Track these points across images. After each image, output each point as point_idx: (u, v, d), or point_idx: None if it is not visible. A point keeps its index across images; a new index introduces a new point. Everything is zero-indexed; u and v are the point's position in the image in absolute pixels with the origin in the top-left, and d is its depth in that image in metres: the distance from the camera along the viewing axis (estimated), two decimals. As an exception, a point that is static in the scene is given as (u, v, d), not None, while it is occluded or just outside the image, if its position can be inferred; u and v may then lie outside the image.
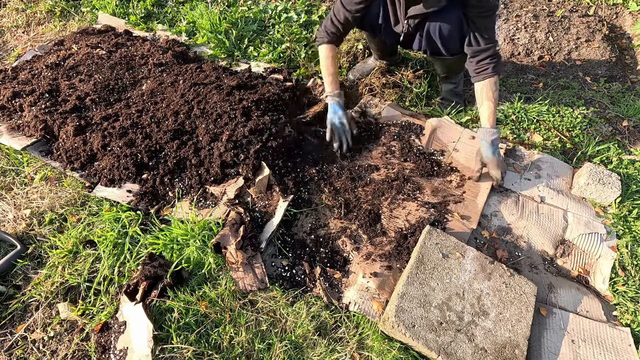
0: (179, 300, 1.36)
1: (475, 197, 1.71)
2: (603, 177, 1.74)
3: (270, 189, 1.68)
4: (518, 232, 1.66)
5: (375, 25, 1.89)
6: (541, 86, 2.38)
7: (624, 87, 2.37)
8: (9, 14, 2.96)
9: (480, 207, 1.68)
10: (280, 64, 2.43)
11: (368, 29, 1.96)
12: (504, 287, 1.38)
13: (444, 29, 1.66)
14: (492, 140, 1.65)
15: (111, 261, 1.49)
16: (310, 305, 1.39)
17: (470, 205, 1.68)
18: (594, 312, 1.44)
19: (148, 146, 1.78)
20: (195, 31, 2.69)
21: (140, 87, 2.18)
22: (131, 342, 1.28)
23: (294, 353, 1.28)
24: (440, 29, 1.67)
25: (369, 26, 1.92)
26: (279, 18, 2.70)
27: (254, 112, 1.89)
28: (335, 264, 1.53)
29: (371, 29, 1.94)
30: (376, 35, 1.97)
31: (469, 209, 1.67)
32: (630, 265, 1.55)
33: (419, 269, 1.39)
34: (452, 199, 1.69)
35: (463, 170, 1.81)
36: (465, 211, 1.66)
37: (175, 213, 1.61)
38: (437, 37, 1.70)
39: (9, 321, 1.39)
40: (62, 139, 1.86)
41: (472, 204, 1.68)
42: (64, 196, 1.72)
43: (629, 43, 2.72)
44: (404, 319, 1.27)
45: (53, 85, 2.13)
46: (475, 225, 1.62)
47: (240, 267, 1.44)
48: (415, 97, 2.17)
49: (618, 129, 2.12)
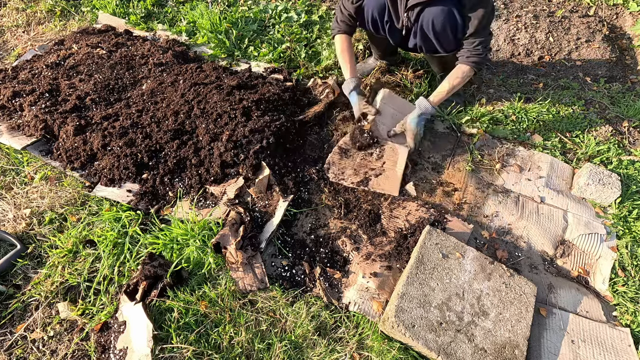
0: (179, 300, 1.36)
1: (395, 165, 1.80)
2: (603, 178, 1.74)
3: (270, 189, 1.68)
4: (518, 233, 1.66)
5: (376, 23, 1.88)
6: (541, 86, 2.38)
7: (624, 88, 2.37)
8: (9, 13, 2.95)
9: (400, 174, 1.78)
10: (281, 64, 2.43)
11: (370, 26, 1.95)
12: (504, 288, 1.38)
13: (436, 21, 1.66)
14: (420, 112, 1.79)
15: (111, 261, 1.49)
16: (310, 305, 1.39)
17: (391, 175, 1.77)
18: (593, 313, 1.44)
19: (148, 146, 1.78)
20: (195, 31, 2.69)
21: (141, 87, 2.18)
22: (131, 341, 1.28)
23: (293, 353, 1.28)
24: (433, 22, 1.67)
25: (372, 23, 1.91)
26: (279, 18, 2.70)
27: (254, 112, 1.89)
28: (335, 264, 1.53)
29: (374, 27, 1.93)
30: (378, 33, 1.96)
31: (390, 179, 1.76)
32: (630, 265, 1.55)
33: (419, 269, 1.39)
34: (372, 173, 1.78)
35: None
36: (386, 182, 1.75)
37: (175, 213, 1.61)
38: (430, 31, 1.71)
39: (8, 321, 1.39)
40: (62, 138, 1.86)
41: (392, 173, 1.78)
42: (64, 196, 1.72)
43: (629, 43, 2.72)
44: (404, 319, 1.27)
45: (53, 85, 2.13)
46: (397, 193, 1.72)
47: (240, 267, 1.44)
48: (415, 97, 2.17)
49: (618, 129, 2.12)
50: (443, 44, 1.76)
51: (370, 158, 1.83)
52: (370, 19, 1.86)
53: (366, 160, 1.82)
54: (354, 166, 1.80)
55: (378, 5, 1.80)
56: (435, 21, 1.66)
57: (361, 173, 1.77)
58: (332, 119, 2.06)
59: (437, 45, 1.78)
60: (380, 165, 1.80)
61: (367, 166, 1.80)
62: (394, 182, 1.74)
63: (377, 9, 1.81)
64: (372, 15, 1.84)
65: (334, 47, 1.99)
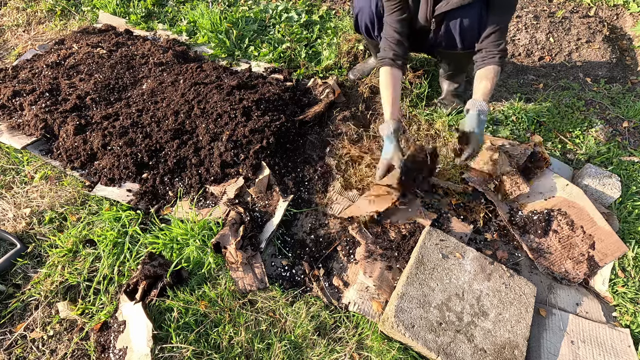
0: (179, 299, 1.36)
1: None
2: (603, 179, 1.74)
3: (270, 189, 1.68)
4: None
5: (368, 30, 1.90)
6: (541, 87, 2.38)
7: (625, 88, 2.37)
8: (10, 12, 2.95)
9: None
10: (281, 63, 2.43)
11: (364, 33, 1.96)
12: (504, 288, 1.38)
13: (465, 22, 1.63)
14: (479, 110, 1.51)
15: (111, 260, 1.49)
16: (309, 305, 1.39)
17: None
18: (593, 313, 1.44)
19: (148, 145, 1.78)
20: (195, 31, 2.69)
21: (141, 87, 2.18)
22: (130, 341, 1.28)
23: (293, 353, 1.28)
24: (461, 22, 1.64)
25: (365, 30, 1.92)
26: (279, 18, 2.70)
27: (254, 112, 1.89)
28: (335, 263, 1.53)
29: (367, 34, 1.94)
30: (372, 38, 1.96)
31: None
32: (630, 266, 1.55)
33: (419, 269, 1.39)
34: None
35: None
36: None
37: (175, 212, 1.61)
38: (456, 31, 1.67)
39: (8, 320, 1.39)
40: (62, 138, 1.86)
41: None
42: (64, 195, 1.72)
43: (629, 44, 2.71)
44: (404, 319, 1.27)
45: (53, 84, 2.13)
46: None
47: (239, 267, 1.44)
48: (416, 97, 2.17)
49: (618, 130, 2.12)
50: (465, 41, 1.72)
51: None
52: (364, 27, 1.91)
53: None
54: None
55: (369, 16, 1.84)
56: (464, 21, 1.64)
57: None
58: (332, 119, 2.06)
59: (458, 42, 1.73)
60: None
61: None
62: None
63: (368, 19, 1.86)
64: (365, 24, 1.88)
65: (379, 79, 1.72)
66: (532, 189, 1.73)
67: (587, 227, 1.58)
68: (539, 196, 1.71)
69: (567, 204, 1.65)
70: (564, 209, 1.64)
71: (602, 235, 1.56)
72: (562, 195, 1.68)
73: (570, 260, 1.54)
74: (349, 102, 2.22)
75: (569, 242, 1.57)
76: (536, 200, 1.70)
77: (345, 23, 2.61)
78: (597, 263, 1.53)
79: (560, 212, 1.63)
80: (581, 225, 1.59)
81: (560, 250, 1.56)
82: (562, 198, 1.67)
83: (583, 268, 1.52)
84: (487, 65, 1.63)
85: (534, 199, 1.70)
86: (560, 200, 1.67)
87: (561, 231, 1.59)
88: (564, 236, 1.58)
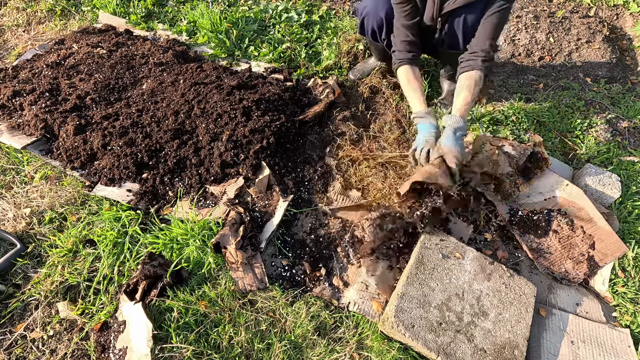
0: (179, 299, 1.36)
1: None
2: (603, 179, 1.74)
3: (270, 189, 1.68)
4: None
5: (375, 34, 1.93)
6: (541, 87, 2.38)
7: (625, 89, 2.37)
8: (10, 12, 2.95)
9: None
10: (281, 63, 2.43)
11: (370, 37, 1.99)
12: (504, 288, 1.38)
13: (468, 20, 1.65)
14: (455, 128, 1.53)
15: (111, 260, 1.49)
16: (309, 305, 1.39)
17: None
18: (593, 313, 1.44)
19: (148, 145, 1.77)
20: (195, 31, 2.69)
21: (141, 87, 2.18)
22: (130, 341, 1.28)
23: (293, 353, 1.28)
24: (465, 20, 1.66)
25: (371, 34, 1.95)
26: (279, 18, 2.70)
27: (254, 112, 1.89)
28: (335, 263, 1.53)
29: (373, 37, 1.97)
30: (377, 42, 1.98)
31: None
32: (630, 266, 1.55)
33: (419, 269, 1.39)
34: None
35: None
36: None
37: (175, 212, 1.61)
38: (459, 29, 1.69)
39: (8, 320, 1.39)
40: (62, 138, 1.86)
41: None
42: (64, 195, 1.72)
43: (629, 44, 2.71)
44: (404, 319, 1.27)
45: (53, 84, 2.13)
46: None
47: (239, 267, 1.44)
48: (416, 98, 2.17)
49: (618, 130, 2.12)
50: (467, 40, 1.72)
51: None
52: (370, 31, 1.93)
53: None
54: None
55: (376, 21, 1.86)
56: (468, 19, 1.65)
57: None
58: (332, 119, 2.06)
59: (460, 41, 1.74)
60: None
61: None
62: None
63: (376, 24, 1.87)
64: (372, 28, 1.90)
65: (399, 79, 1.77)
66: (532, 189, 1.73)
67: (587, 227, 1.58)
68: (539, 196, 1.71)
69: (567, 204, 1.65)
70: (564, 209, 1.64)
71: (602, 235, 1.56)
72: (562, 195, 1.68)
73: (570, 260, 1.54)
74: (349, 102, 2.22)
75: (569, 242, 1.57)
76: (536, 200, 1.70)
77: (345, 23, 2.61)
78: (597, 263, 1.53)
79: (560, 212, 1.63)
80: (581, 225, 1.59)
81: (560, 250, 1.56)
82: (562, 198, 1.67)
83: (583, 268, 1.52)
84: (469, 69, 1.62)
85: (534, 199, 1.70)
86: (560, 200, 1.67)
87: (561, 231, 1.59)
88: (564, 236, 1.58)
